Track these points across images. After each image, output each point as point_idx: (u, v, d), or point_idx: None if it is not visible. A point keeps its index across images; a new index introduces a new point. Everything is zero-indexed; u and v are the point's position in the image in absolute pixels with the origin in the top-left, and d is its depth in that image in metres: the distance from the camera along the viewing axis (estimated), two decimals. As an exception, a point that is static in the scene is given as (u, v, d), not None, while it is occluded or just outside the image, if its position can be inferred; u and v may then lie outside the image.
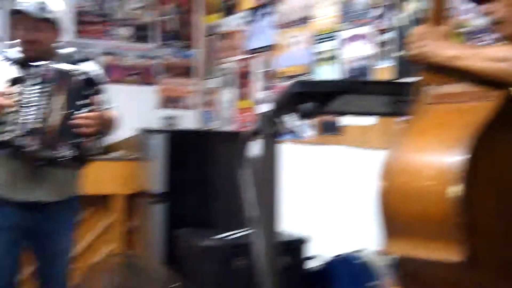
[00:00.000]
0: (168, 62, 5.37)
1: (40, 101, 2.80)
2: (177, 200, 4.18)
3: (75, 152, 2.82)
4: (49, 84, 2.82)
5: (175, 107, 5.37)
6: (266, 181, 1.98)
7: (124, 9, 5.24)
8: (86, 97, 2.86)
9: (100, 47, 5.12)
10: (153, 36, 5.33)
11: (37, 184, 2.95)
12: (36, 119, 2.78)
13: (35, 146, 2.77)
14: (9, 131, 2.78)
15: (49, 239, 3.08)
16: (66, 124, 2.81)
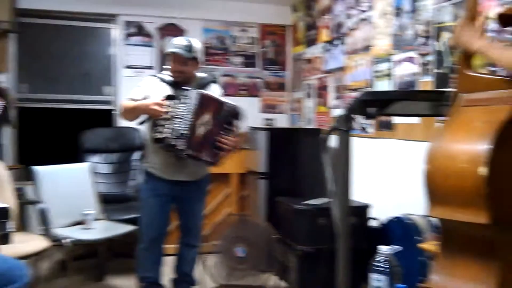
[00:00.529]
0: (267, 81, 5.41)
1: (188, 115, 2.86)
2: (275, 177, 4.20)
3: (212, 158, 2.91)
4: (195, 103, 2.87)
5: (273, 112, 5.41)
6: (341, 164, 1.97)
7: (237, 44, 5.32)
8: (231, 123, 2.92)
9: (221, 71, 5.23)
10: (257, 62, 5.38)
11: (180, 170, 3.04)
12: (184, 127, 2.84)
13: (182, 146, 2.85)
14: (163, 132, 2.87)
15: (188, 203, 3.18)
16: (209, 136, 2.88)
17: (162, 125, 2.86)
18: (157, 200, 3.09)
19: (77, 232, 3.53)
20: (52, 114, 5.06)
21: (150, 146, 3.07)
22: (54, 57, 5.02)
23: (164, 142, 2.86)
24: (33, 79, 4.96)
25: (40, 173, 3.66)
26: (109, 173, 4.63)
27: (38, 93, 4.95)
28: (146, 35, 5.03)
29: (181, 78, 3.02)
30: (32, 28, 4.86)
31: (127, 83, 4.90)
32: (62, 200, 3.68)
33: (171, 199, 3.14)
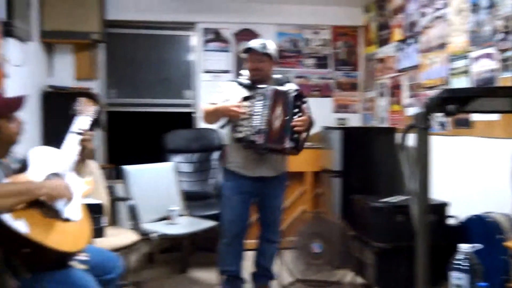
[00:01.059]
0: (339, 81, 5.34)
1: (264, 111, 2.91)
2: (349, 175, 4.14)
3: (293, 144, 2.92)
4: (269, 99, 2.92)
5: (345, 112, 5.34)
6: (420, 162, 1.91)
7: (309, 46, 5.29)
8: (298, 107, 2.93)
9: (294, 73, 5.22)
10: (329, 63, 5.33)
11: (261, 165, 3.08)
12: (261, 123, 2.89)
13: (261, 141, 2.89)
14: (243, 131, 2.93)
15: (268, 199, 3.20)
16: (285, 125, 2.90)
17: (242, 124, 2.91)
18: (239, 197, 3.13)
19: (163, 227, 3.65)
20: (138, 117, 5.27)
21: (231, 146, 3.13)
22: (138, 64, 5.22)
23: (245, 140, 2.91)
24: (120, 85, 5.19)
25: (129, 172, 3.81)
26: (191, 171, 4.75)
27: (125, 98, 5.16)
28: (223, 40, 5.12)
29: (259, 76, 3.06)
30: (119, 37, 5.08)
31: (206, 87, 5.02)
32: (149, 197, 3.82)
33: (252, 196, 3.18)
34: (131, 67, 5.19)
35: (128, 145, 5.39)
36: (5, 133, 2.02)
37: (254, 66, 3.05)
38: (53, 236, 1.88)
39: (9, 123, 2.03)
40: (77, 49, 4.77)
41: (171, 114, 5.20)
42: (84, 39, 4.55)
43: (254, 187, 3.12)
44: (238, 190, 3.13)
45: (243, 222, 3.19)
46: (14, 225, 1.77)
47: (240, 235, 3.20)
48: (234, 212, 3.15)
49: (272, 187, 3.17)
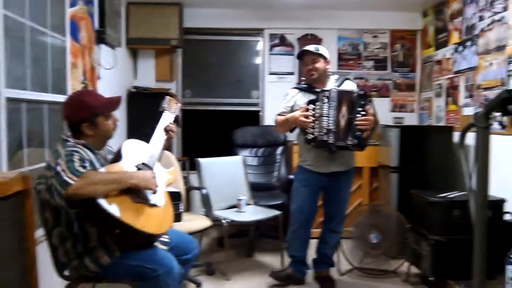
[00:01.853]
0: (397, 82, 5.22)
1: (330, 112, 2.90)
2: (406, 171, 4.03)
3: (357, 141, 2.87)
4: (335, 100, 2.90)
5: (402, 111, 5.21)
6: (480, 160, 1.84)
7: (369, 49, 5.20)
8: (362, 106, 2.88)
9: (354, 74, 5.15)
10: (387, 65, 5.21)
11: (331, 162, 3.07)
12: (330, 124, 2.89)
13: (331, 140, 2.88)
14: (313, 132, 2.93)
15: (335, 192, 3.19)
16: (350, 123, 2.87)
17: (311, 127, 2.92)
18: (307, 190, 3.15)
19: (232, 214, 3.71)
20: (210, 115, 5.39)
21: (302, 147, 3.15)
22: (211, 67, 5.33)
23: (316, 141, 2.91)
24: (194, 86, 5.32)
25: (202, 164, 3.91)
26: (257, 165, 4.80)
27: (199, 98, 5.29)
28: (287, 45, 5.13)
29: (315, 76, 3.05)
30: (194, 43, 5.20)
31: (271, 88, 5.06)
32: (220, 187, 3.90)
33: (320, 189, 3.18)
34: (204, 69, 5.31)
35: (201, 140, 5.53)
36: (103, 129, 2.13)
37: (310, 67, 3.05)
38: (141, 219, 1.96)
39: (106, 121, 2.14)
40: (157, 54, 4.94)
41: (239, 112, 5.28)
42: (164, 45, 4.71)
43: (322, 181, 3.13)
44: (307, 183, 3.15)
45: (309, 212, 3.19)
46: (108, 208, 1.87)
47: (307, 224, 3.21)
48: (302, 202, 3.16)
49: (340, 180, 3.15)
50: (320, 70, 3.07)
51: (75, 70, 3.19)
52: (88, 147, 2.10)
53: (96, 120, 2.09)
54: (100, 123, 2.11)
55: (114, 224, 1.89)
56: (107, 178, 1.92)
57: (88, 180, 1.85)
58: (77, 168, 1.88)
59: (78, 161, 1.93)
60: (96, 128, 2.10)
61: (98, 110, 2.09)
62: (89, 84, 3.44)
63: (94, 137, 2.11)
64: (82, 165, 1.92)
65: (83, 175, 1.86)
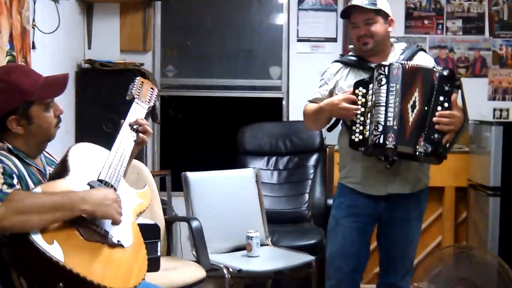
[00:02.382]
0: (499, 53, 5.20)
1: (389, 100, 2.87)
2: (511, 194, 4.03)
3: (431, 148, 2.83)
4: (397, 82, 2.87)
5: (507, 99, 5.20)
6: None
7: (454, 2, 5.19)
8: (446, 94, 2.85)
9: (431, 41, 5.16)
10: (484, 27, 5.20)
11: (390, 179, 3.05)
12: (387, 117, 2.85)
13: (391, 143, 2.85)
14: (363, 131, 2.92)
15: (398, 227, 3.15)
16: (424, 119, 2.84)
17: (361, 122, 2.90)
18: (353, 222, 3.13)
19: (238, 260, 3.71)
20: (203, 104, 5.41)
21: (345, 154, 3.15)
22: (207, 31, 5.35)
23: (367, 144, 2.89)
24: (180, 60, 5.35)
25: (192, 181, 3.92)
26: (277, 183, 4.81)
27: (186, 78, 5.33)
28: (326, -5, 5.15)
29: (370, 46, 3.04)
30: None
31: (301, 62, 5.08)
32: (219, 217, 3.92)
33: (373, 220, 3.17)
34: (196, 35, 5.34)
35: (190, 145, 5.55)
36: (39, 125, 2.14)
37: (362, 31, 3.04)
38: (96, 267, 1.95)
39: (45, 112, 2.16)
40: (124, 9, 4.98)
41: (250, 100, 5.30)
42: (134, -4, 4.76)
43: (377, 209, 3.10)
44: (354, 211, 3.13)
45: (357, 257, 3.17)
46: (47, 249, 1.87)
47: (353, 276, 3.19)
48: (345, 242, 3.14)
49: (406, 208, 3.12)
50: (378, 36, 3.06)
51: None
52: (16, 154, 2.11)
53: (30, 111, 2.11)
54: (35, 116, 2.12)
55: (56, 273, 1.89)
56: (45, 203, 1.92)
57: (17, 205, 1.85)
58: (0, 187, 1.90)
59: (1, 176, 1.94)
60: (29, 123, 2.11)
61: (33, 95, 2.11)
62: (18, 55, 3.48)
63: (27, 137, 2.13)
64: (7, 182, 1.93)
65: (8, 197, 1.86)
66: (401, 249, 3.20)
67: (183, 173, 3.94)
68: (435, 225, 4.61)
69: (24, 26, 3.57)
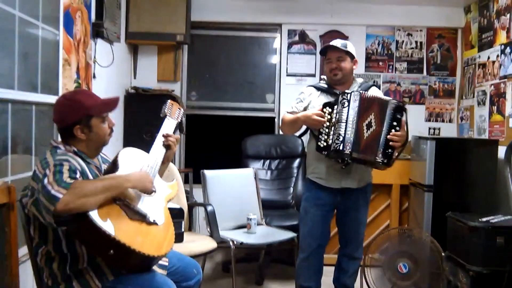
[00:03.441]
0: (433, 87, 5.20)
1: (349, 118, 2.88)
2: (441, 190, 4.01)
3: (385, 159, 2.87)
4: (357, 105, 2.89)
5: (439, 121, 5.20)
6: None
7: (402, 49, 5.19)
8: (398, 120, 2.88)
9: (384, 77, 5.17)
10: (422, 68, 5.20)
11: (345, 176, 3.06)
12: (346, 131, 2.88)
13: (347, 150, 2.87)
14: (327, 139, 2.93)
15: (351, 212, 3.17)
16: (380, 137, 2.87)
17: (326, 132, 2.91)
18: (319, 210, 3.13)
19: (241, 236, 3.72)
20: (217, 121, 5.41)
21: (312, 155, 3.13)
22: (221, 67, 5.37)
23: (329, 149, 2.90)
24: (201, 87, 5.36)
25: (208, 176, 3.92)
26: (270, 179, 4.81)
27: (205, 101, 5.33)
28: (308, 43, 5.15)
29: (339, 77, 3.05)
30: (201, 39, 5.26)
31: (289, 91, 5.07)
32: (228, 204, 3.91)
33: (333, 208, 3.17)
34: (213, 69, 5.36)
35: (207, 150, 5.55)
36: (97, 133, 2.15)
37: (334, 65, 3.05)
38: (138, 239, 1.97)
39: (102, 123, 2.17)
40: (160, 50, 4.99)
41: (251, 118, 5.31)
42: (168, 41, 4.76)
43: (335, 199, 3.11)
44: (318, 201, 3.13)
45: (322, 236, 3.18)
46: (102, 225, 1.88)
47: (319, 250, 3.19)
48: (313, 225, 3.14)
49: (355, 199, 3.13)
50: (345, 70, 3.07)
51: (68, 67, 3.24)
52: (80, 155, 2.12)
53: (91, 122, 2.12)
54: (94, 126, 2.14)
55: (108, 243, 1.90)
56: (98, 186, 1.93)
57: (78, 191, 1.86)
58: (66, 179, 1.90)
59: (67, 172, 1.94)
60: (90, 131, 2.12)
61: (93, 111, 2.12)
62: (83, 83, 3.49)
63: (88, 142, 2.14)
64: (71, 176, 1.94)
65: (71, 186, 1.87)
66: (354, 229, 3.21)
67: (201, 170, 3.94)
68: (385, 212, 4.60)
69: (88, 61, 3.59)
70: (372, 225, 4.51)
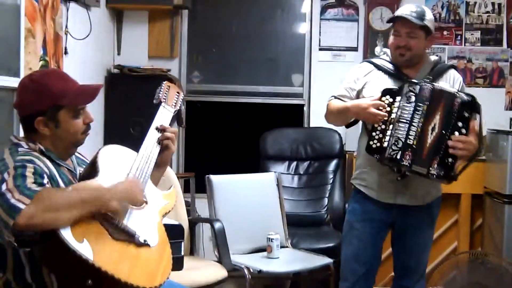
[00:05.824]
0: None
1: (414, 118, 2.86)
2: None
3: (443, 171, 2.82)
4: (424, 102, 2.86)
5: (524, 109, 5.17)
6: None
7: (474, 14, 5.16)
8: (465, 120, 2.83)
9: (450, 52, 5.15)
10: (502, 38, 5.16)
11: (401, 191, 3.02)
12: (409, 135, 2.85)
13: (407, 161, 2.84)
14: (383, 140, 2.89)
15: (410, 234, 3.13)
16: (440, 143, 2.83)
17: (382, 130, 2.89)
18: (367, 226, 3.12)
19: (258, 261, 3.71)
20: (227, 109, 5.42)
21: (362, 156, 3.12)
22: (231, 39, 5.38)
23: (383, 154, 2.88)
24: (206, 66, 5.37)
25: (215, 183, 3.92)
26: (298, 187, 4.81)
27: (211, 84, 5.34)
28: (348, 6, 5.14)
29: (406, 58, 3.00)
30: (206, 2, 5.27)
31: (323, 70, 5.08)
32: (241, 219, 3.92)
33: (387, 226, 3.15)
34: (221, 42, 5.38)
35: (214, 148, 5.56)
36: (66, 130, 2.14)
37: (403, 41, 3.00)
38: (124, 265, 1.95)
39: (73, 118, 2.16)
40: (152, 18, 5.01)
41: (273, 106, 5.31)
42: (163, 4, 4.76)
43: (390, 215, 3.09)
44: (366, 216, 3.12)
45: (371, 260, 3.16)
46: (77, 247, 1.87)
47: (367, 278, 3.18)
48: (359, 245, 3.13)
49: (417, 217, 3.10)
50: (415, 50, 3.00)
51: (32, 40, 3.25)
52: (47, 155, 2.12)
53: (58, 114, 2.11)
54: (63, 120, 2.12)
55: (85, 271, 1.89)
56: (73, 198, 1.92)
57: (47, 202, 1.86)
58: (30, 186, 1.90)
59: (32, 176, 1.94)
60: (56, 126, 2.12)
61: (62, 100, 2.11)
62: (51, 60, 3.50)
63: (53, 139, 2.13)
64: (37, 181, 1.93)
65: (37, 195, 1.86)
66: (414, 256, 3.18)
67: (207, 175, 3.94)
68: (451, 231, 4.57)
69: (57, 32, 3.61)
70: (434, 248, 4.42)
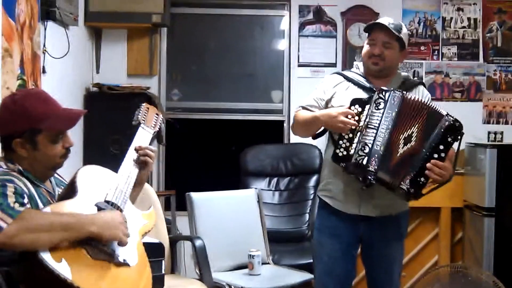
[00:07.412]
0: (493, 78, 5.20)
1: (382, 124, 2.83)
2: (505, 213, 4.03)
3: (414, 190, 2.79)
4: (394, 109, 2.84)
5: (501, 122, 5.19)
6: None
7: (450, 29, 5.20)
8: (447, 144, 2.79)
9: (427, 67, 5.18)
10: (478, 53, 5.20)
11: (367, 200, 2.97)
12: (375, 141, 2.81)
13: (373, 167, 2.80)
14: (349, 147, 2.85)
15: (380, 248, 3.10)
16: (417, 159, 2.79)
17: (349, 138, 2.87)
18: (336, 243, 3.08)
19: (240, 279, 3.70)
20: (207, 127, 5.42)
21: (328, 167, 3.09)
22: (211, 56, 5.39)
23: (349, 161, 2.86)
24: (185, 84, 5.38)
25: (196, 201, 3.92)
26: (278, 203, 4.82)
27: (191, 101, 5.35)
28: (326, 22, 5.16)
29: (379, 67, 3.00)
30: (185, 20, 5.28)
31: (302, 86, 5.08)
32: (223, 237, 3.90)
33: (356, 240, 3.13)
34: (200, 59, 5.39)
35: (194, 166, 5.56)
36: (44, 153, 2.15)
37: (378, 50, 2.99)
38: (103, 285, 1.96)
39: (51, 143, 2.16)
40: (131, 35, 5.01)
41: (252, 123, 5.32)
42: (141, 22, 4.77)
43: (357, 230, 3.06)
44: (334, 232, 3.09)
45: (345, 274, 3.14)
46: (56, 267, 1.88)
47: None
48: (330, 261, 3.10)
49: (384, 230, 3.06)
50: (389, 61, 3.00)
51: (9, 59, 3.24)
52: (26, 176, 2.12)
53: (36, 138, 2.12)
54: (40, 144, 2.13)
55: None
56: (55, 222, 1.93)
57: (29, 223, 1.87)
58: (13, 205, 1.91)
59: (13, 196, 1.95)
60: (34, 149, 2.12)
61: (41, 124, 2.12)
62: (29, 80, 3.50)
63: (31, 161, 2.13)
64: (19, 201, 1.95)
65: (20, 215, 1.88)
66: (383, 269, 3.15)
67: (187, 193, 3.94)
68: (432, 244, 4.61)
69: (35, 51, 3.61)
70: (415, 262, 4.51)
